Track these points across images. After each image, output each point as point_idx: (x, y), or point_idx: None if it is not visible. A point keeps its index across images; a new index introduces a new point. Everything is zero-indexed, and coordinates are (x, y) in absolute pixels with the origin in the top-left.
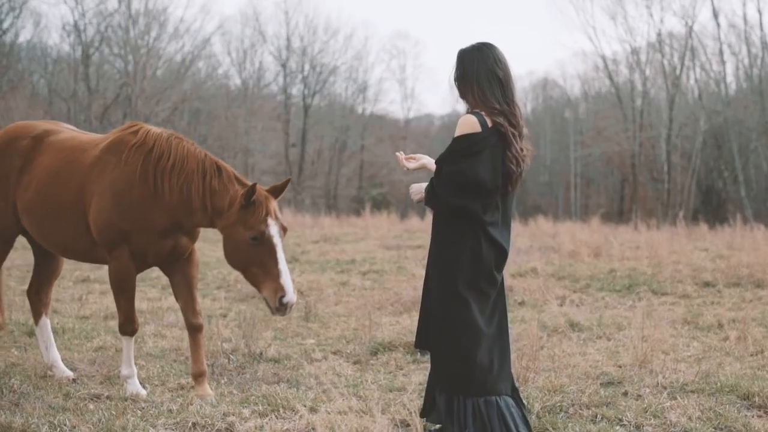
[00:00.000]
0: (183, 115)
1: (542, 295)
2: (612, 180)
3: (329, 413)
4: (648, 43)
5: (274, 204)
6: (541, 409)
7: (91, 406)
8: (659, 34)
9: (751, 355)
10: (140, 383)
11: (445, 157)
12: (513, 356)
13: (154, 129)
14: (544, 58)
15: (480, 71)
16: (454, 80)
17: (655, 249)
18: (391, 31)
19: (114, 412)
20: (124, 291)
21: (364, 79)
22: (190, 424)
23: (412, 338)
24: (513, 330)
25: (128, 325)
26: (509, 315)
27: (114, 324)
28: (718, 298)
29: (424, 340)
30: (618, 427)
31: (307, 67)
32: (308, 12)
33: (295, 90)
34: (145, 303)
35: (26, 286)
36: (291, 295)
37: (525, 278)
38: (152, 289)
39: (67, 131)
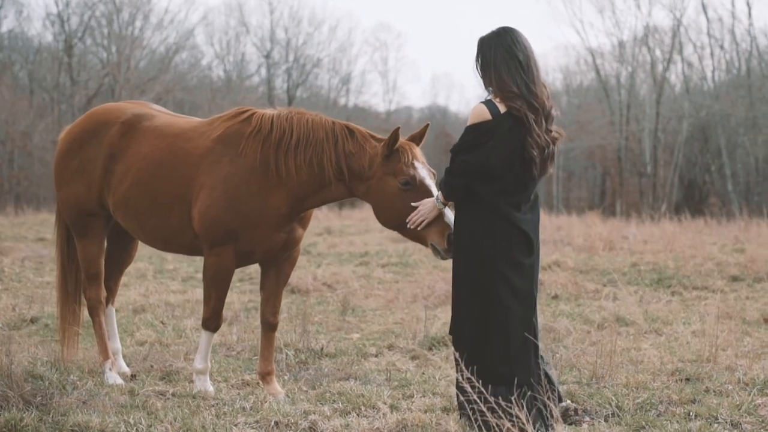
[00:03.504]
0: (166, 106)
1: (575, 288)
2: (593, 173)
3: (411, 410)
4: (635, 36)
5: (417, 149)
6: (632, 406)
7: (159, 404)
8: (647, 27)
9: None
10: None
11: (457, 147)
12: (568, 353)
13: (269, 111)
14: None
15: (497, 55)
16: (478, 69)
17: (667, 243)
18: (374, 23)
19: (188, 411)
20: (218, 288)
21: (348, 71)
22: (272, 423)
23: None
24: (556, 324)
25: (213, 321)
26: (544, 309)
27: (145, 317)
28: (752, 293)
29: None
30: (716, 425)
31: (291, 58)
32: (293, 3)
33: (279, 81)
34: (172, 296)
35: (43, 278)
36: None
37: (551, 271)
38: (172, 281)
39: (161, 115)
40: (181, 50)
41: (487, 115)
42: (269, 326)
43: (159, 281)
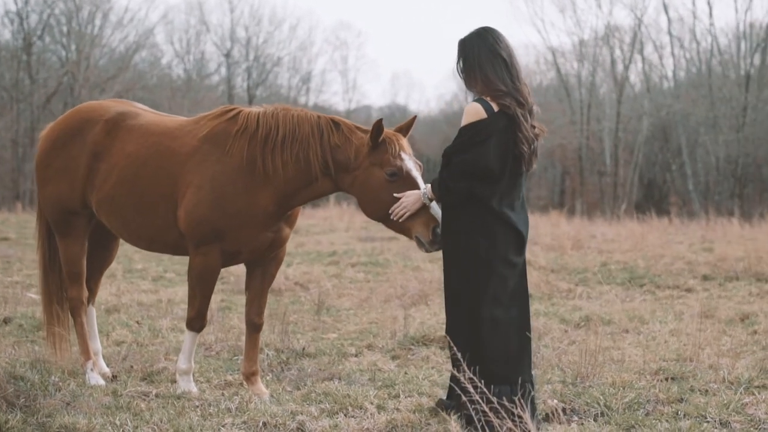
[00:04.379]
0: None
1: (548, 288)
2: (553, 173)
3: (399, 411)
4: (596, 35)
5: (404, 141)
6: (620, 406)
7: (143, 405)
8: (608, 27)
9: None
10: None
11: (453, 148)
12: (548, 351)
13: (255, 109)
14: None
15: (481, 55)
16: (459, 71)
17: (635, 242)
18: (334, 21)
19: (173, 412)
20: (203, 288)
21: (308, 69)
22: (260, 423)
23: (443, 332)
24: (533, 323)
25: (198, 321)
26: None
27: (119, 317)
28: (725, 292)
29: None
30: (705, 424)
31: (251, 57)
32: (253, 2)
33: (239, 80)
34: (143, 296)
35: (12, 278)
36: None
37: None
38: (143, 281)
39: (145, 113)
40: (141, 49)
41: (482, 114)
42: (254, 327)
43: (129, 281)
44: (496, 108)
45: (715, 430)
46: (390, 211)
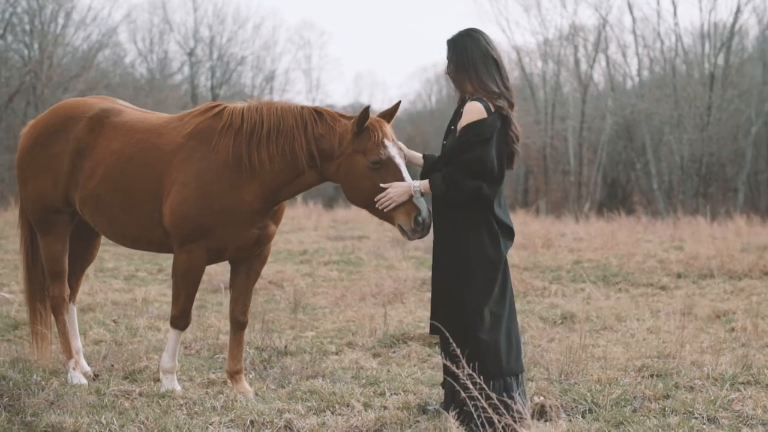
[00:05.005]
0: None
1: (523, 286)
2: (516, 171)
3: (387, 408)
4: (561, 34)
5: (387, 127)
6: (608, 402)
7: (127, 404)
8: (572, 26)
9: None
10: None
11: (458, 146)
12: (529, 349)
13: (239, 104)
14: None
15: (475, 56)
16: (449, 72)
17: (606, 240)
18: (298, 20)
19: (159, 410)
20: (188, 286)
21: (272, 69)
22: (248, 421)
23: (422, 330)
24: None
25: (182, 319)
26: None
27: (95, 316)
28: (698, 289)
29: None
30: (693, 421)
31: (215, 56)
32: (217, 1)
33: (202, 80)
34: (117, 295)
35: None
36: (426, 213)
37: None
38: (115, 280)
39: (129, 110)
40: (104, 48)
41: (484, 113)
42: (239, 325)
43: (101, 280)
44: (492, 108)
45: (704, 426)
46: (375, 200)
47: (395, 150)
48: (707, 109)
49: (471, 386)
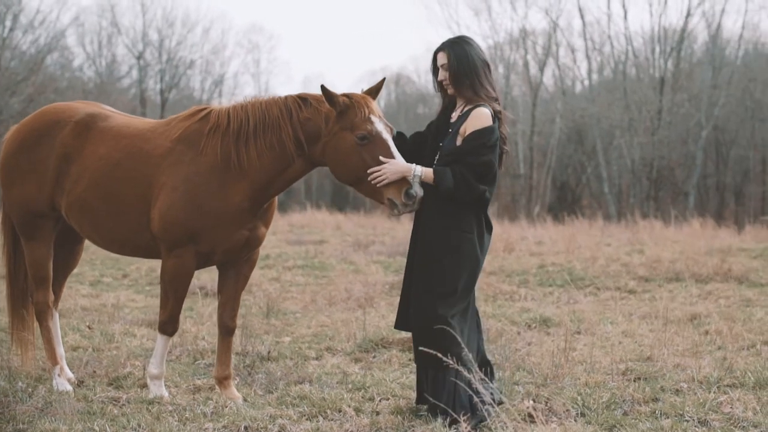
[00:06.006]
0: (38, 108)
1: (491, 290)
2: None
3: (378, 413)
4: (511, 38)
5: (373, 103)
6: (599, 406)
7: (116, 411)
8: (522, 30)
9: (745, 349)
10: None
11: (469, 150)
12: (507, 352)
13: (225, 106)
14: (398, 53)
15: (476, 62)
16: (450, 77)
17: (567, 244)
18: (246, 24)
19: (149, 417)
20: (177, 291)
21: (221, 72)
22: (241, 427)
23: (402, 335)
24: (486, 326)
25: (171, 325)
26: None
27: (69, 322)
28: (667, 293)
29: (404, 323)
30: (684, 423)
31: (164, 60)
32: (166, 4)
33: (151, 83)
34: (85, 300)
35: None
36: (417, 187)
37: None
38: (81, 285)
39: (116, 115)
40: (53, 51)
41: (491, 119)
42: (227, 330)
43: (68, 286)
44: (493, 113)
45: (696, 429)
46: (369, 172)
47: (382, 126)
48: (658, 113)
49: (483, 390)
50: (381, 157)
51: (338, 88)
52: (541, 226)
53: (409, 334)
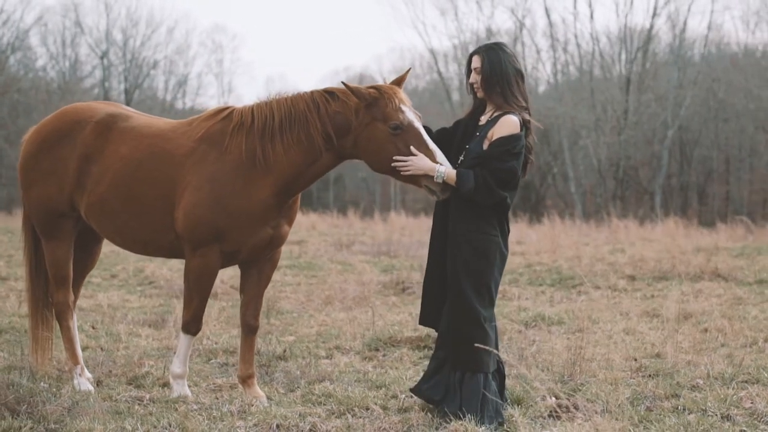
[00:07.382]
0: (1, 108)
1: None
2: None
3: (406, 411)
4: (477, 38)
5: (402, 93)
6: (622, 402)
7: (142, 410)
8: (489, 30)
9: (747, 346)
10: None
11: (495, 155)
12: (514, 350)
13: (247, 105)
14: (361, 53)
15: (508, 70)
16: (482, 81)
17: (547, 244)
18: (210, 24)
19: (177, 416)
20: (201, 291)
21: (185, 73)
22: (273, 425)
23: (409, 333)
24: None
25: (195, 325)
26: None
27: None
28: (657, 291)
29: (429, 319)
30: (708, 418)
31: (128, 59)
32: (130, 4)
33: (115, 83)
34: (81, 301)
35: None
36: (439, 189)
37: None
38: None
39: (137, 115)
40: (16, 51)
41: (519, 127)
42: (250, 329)
43: None
44: (521, 122)
45: (721, 424)
46: (394, 158)
47: (413, 115)
48: (624, 113)
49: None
50: (412, 148)
51: (301, 88)
52: (513, 225)
53: (418, 333)
